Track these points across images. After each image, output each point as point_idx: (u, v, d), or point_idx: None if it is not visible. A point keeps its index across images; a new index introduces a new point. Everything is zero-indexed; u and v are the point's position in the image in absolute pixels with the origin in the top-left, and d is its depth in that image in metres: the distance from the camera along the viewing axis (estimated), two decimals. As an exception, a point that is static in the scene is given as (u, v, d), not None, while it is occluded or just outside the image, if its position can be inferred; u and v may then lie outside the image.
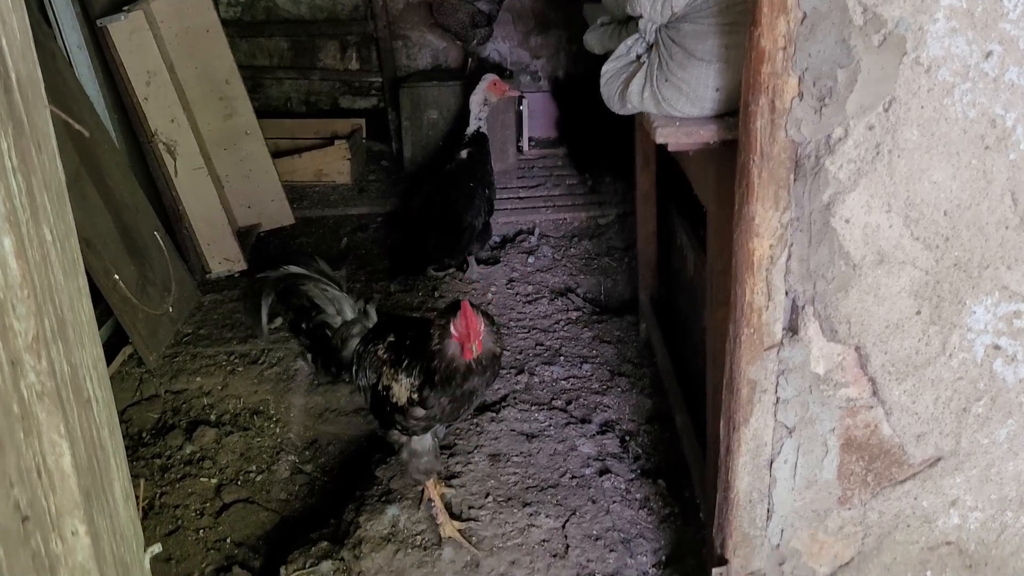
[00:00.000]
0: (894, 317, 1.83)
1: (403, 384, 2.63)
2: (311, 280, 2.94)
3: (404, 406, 2.65)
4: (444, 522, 2.91)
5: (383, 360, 2.75)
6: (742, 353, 1.89)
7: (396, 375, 2.67)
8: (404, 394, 2.63)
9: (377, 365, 2.75)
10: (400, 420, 2.71)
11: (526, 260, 5.22)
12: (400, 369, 2.66)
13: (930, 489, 1.99)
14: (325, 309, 2.93)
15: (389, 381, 2.69)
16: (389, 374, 2.70)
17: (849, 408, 1.92)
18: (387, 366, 2.72)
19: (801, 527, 2.04)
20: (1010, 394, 1.89)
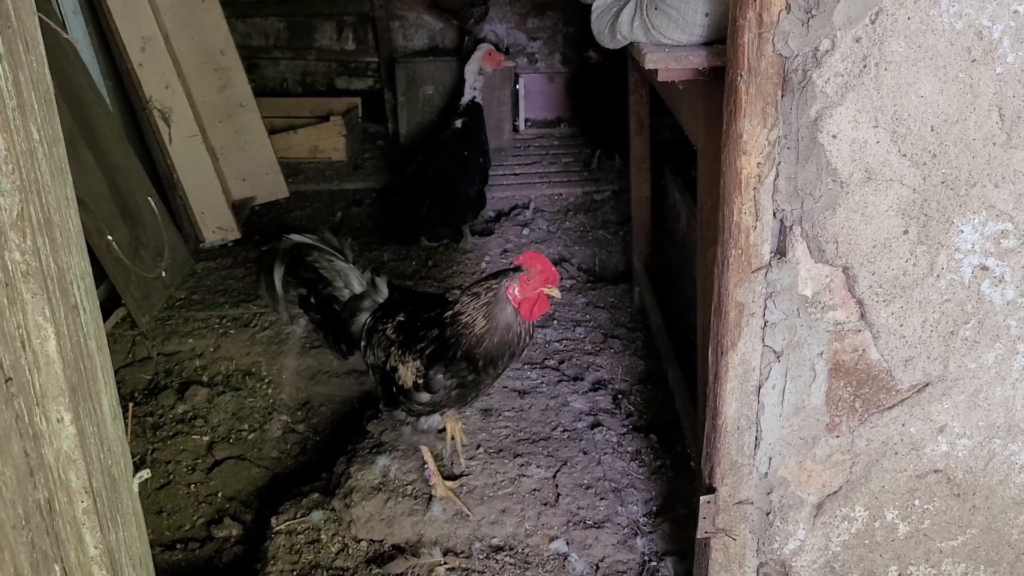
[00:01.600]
0: (881, 236, 1.83)
1: (409, 367, 2.52)
2: (316, 250, 2.80)
3: (409, 389, 2.55)
4: (437, 483, 2.87)
5: (391, 340, 2.63)
6: (730, 275, 1.89)
7: (404, 357, 2.54)
8: (410, 377, 2.52)
9: (385, 345, 2.64)
10: (404, 403, 2.63)
11: (520, 232, 5.22)
12: (409, 351, 2.53)
13: (918, 415, 1.98)
14: (332, 282, 2.80)
15: (396, 362, 2.57)
16: (396, 355, 2.58)
17: (837, 332, 1.92)
18: (395, 347, 2.59)
19: (789, 455, 2.04)
20: (997, 317, 1.89)
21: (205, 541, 3.08)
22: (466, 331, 2.38)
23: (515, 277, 2.32)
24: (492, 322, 2.34)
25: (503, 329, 2.35)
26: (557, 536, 2.79)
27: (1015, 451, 2.00)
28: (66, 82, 3.92)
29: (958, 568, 2.12)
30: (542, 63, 7.46)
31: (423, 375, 2.48)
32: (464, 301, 2.40)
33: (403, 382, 2.55)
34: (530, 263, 2.30)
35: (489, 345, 2.37)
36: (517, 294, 2.32)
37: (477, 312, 2.36)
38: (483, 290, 2.36)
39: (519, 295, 2.32)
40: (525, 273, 2.30)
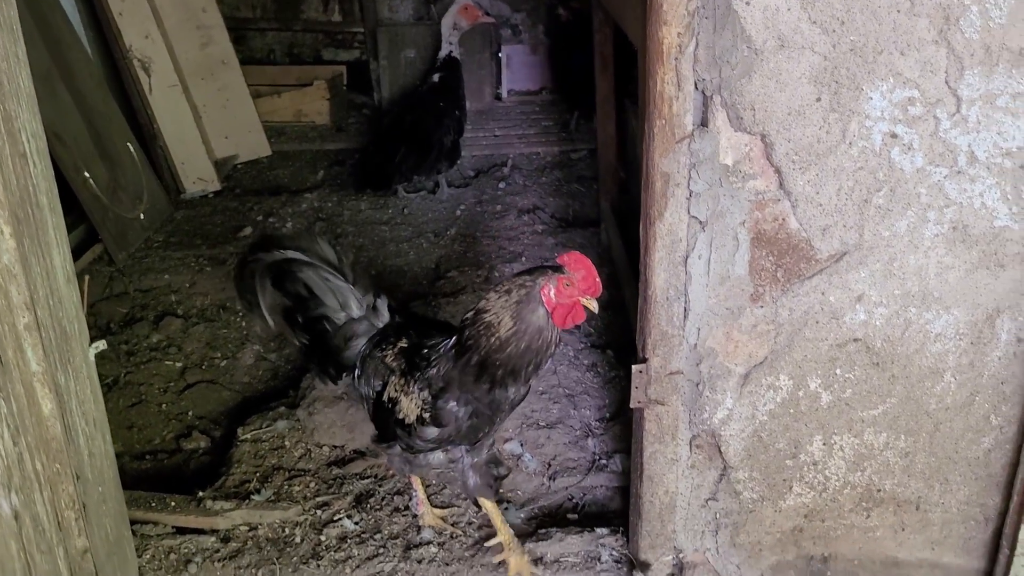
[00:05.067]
0: (795, 104, 1.92)
1: (413, 399, 2.21)
2: (310, 266, 2.46)
3: (411, 424, 2.23)
4: (426, 512, 2.60)
5: (390, 368, 2.32)
6: (655, 145, 1.99)
7: (407, 387, 2.23)
8: (414, 410, 2.21)
9: (384, 373, 2.33)
10: (403, 439, 2.31)
11: (497, 186, 5.32)
12: (414, 380, 2.22)
13: (837, 284, 2.08)
14: (325, 301, 2.47)
15: (397, 393, 2.26)
16: (397, 385, 2.27)
17: (757, 201, 2.02)
18: (396, 375, 2.28)
19: (716, 325, 2.14)
20: (908, 184, 1.98)
21: (174, 453, 3.17)
22: (488, 332, 2.05)
23: (553, 277, 2.04)
24: (520, 324, 2.04)
25: (532, 333, 2.05)
26: (511, 438, 2.89)
27: (930, 320, 2.10)
28: (44, 23, 4.02)
29: (880, 437, 2.22)
30: (525, 34, 7.56)
31: (430, 406, 2.17)
32: (490, 298, 2.08)
33: (404, 415, 2.23)
34: (573, 266, 2.05)
35: (514, 351, 2.05)
36: (552, 297, 2.05)
37: (504, 311, 2.04)
38: (514, 287, 2.06)
39: (555, 299, 2.05)
40: (565, 276, 2.04)
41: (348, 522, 2.59)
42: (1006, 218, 2.00)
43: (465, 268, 4.07)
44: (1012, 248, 2.02)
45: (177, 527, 2.59)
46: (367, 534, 2.55)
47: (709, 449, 2.26)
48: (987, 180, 1.97)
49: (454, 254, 4.31)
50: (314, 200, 5.07)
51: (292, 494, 2.74)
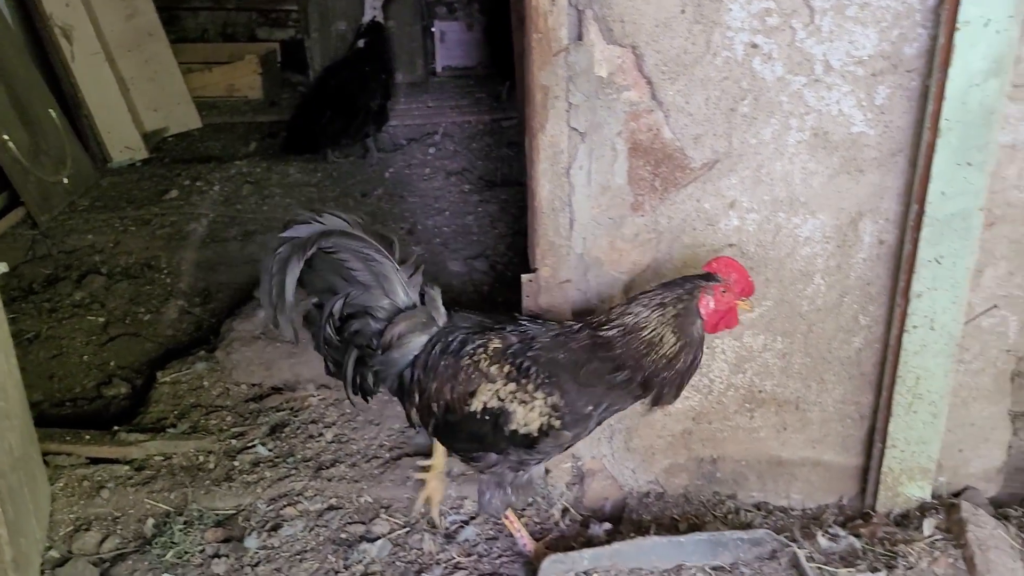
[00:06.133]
0: (662, 15, 2.04)
1: (536, 406, 1.96)
2: (351, 239, 2.05)
3: (530, 434, 1.99)
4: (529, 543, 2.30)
5: (487, 375, 2.00)
6: (534, 59, 2.09)
7: (527, 394, 1.97)
8: (536, 419, 1.97)
9: (477, 380, 2.01)
10: (512, 453, 2.05)
11: (427, 151, 5.41)
12: (537, 384, 1.96)
13: (710, 191, 2.21)
14: (369, 287, 2.09)
15: (511, 404, 1.98)
16: (509, 392, 1.98)
17: (632, 112, 2.14)
18: (499, 382, 1.99)
19: (600, 235, 2.25)
20: (770, 93, 2.11)
21: (94, 400, 3.21)
22: (651, 351, 1.94)
23: (709, 287, 1.96)
24: (684, 338, 1.94)
25: (696, 346, 1.98)
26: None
27: (798, 224, 2.24)
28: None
29: (758, 340, 2.36)
30: (461, 11, 7.64)
31: (560, 412, 1.97)
32: (640, 313, 1.95)
33: (519, 426, 1.99)
34: (724, 271, 1.97)
35: (682, 367, 1.97)
36: (712, 307, 1.96)
37: (665, 327, 1.93)
38: (669, 301, 1.94)
39: (713, 308, 1.97)
40: (721, 283, 1.96)
41: (262, 448, 2.67)
42: (862, 124, 2.14)
43: (389, 222, 4.16)
44: (869, 153, 2.17)
45: (91, 458, 2.63)
46: (280, 459, 2.63)
47: (600, 356, 2.37)
48: (843, 88, 2.11)
49: (380, 212, 4.39)
50: (243, 167, 5.10)
51: (208, 427, 2.80)
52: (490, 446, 2.05)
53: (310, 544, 2.30)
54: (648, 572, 2.12)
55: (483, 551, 2.29)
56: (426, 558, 2.26)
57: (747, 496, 2.53)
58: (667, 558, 2.14)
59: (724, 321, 2.00)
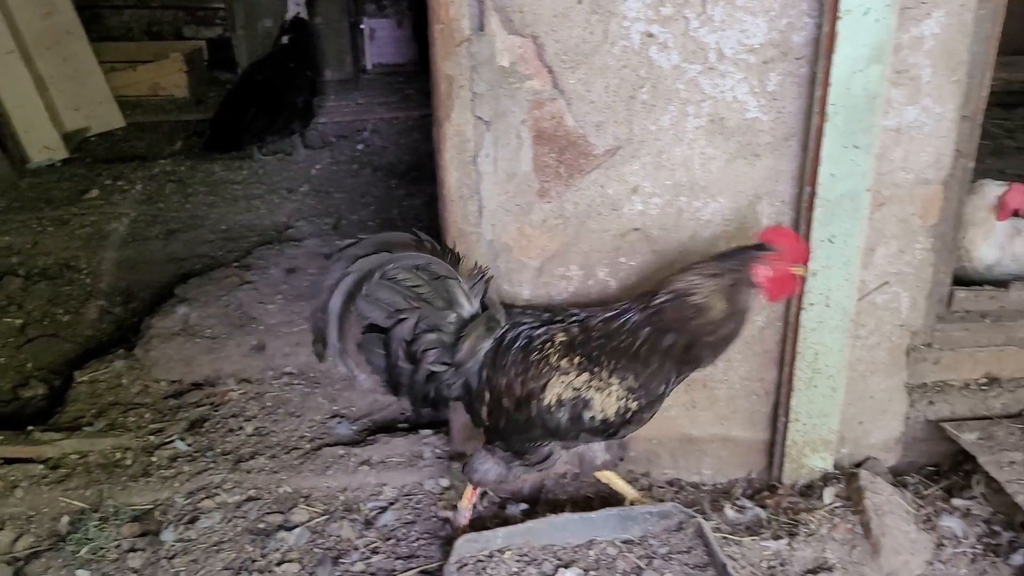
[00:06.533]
0: (560, 6, 2.10)
1: (613, 391, 2.03)
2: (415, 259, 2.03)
3: (608, 419, 2.05)
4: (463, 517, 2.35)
5: (559, 368, 2.05)
6: (438, 49, 2.14)
7: (602, 381, 2.03)
8: (613, 404, 2.04)
9: (548, 374, 2.05)
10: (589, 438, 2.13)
11: (355, 147, 5.41)
12: (610, 370, 2.03)
13: (614, 177, 2.27)
14: (434, 303, 2.09)
15: (588, 392, 2.04)
16: (583, 381, 2.04)
17: (535, 100, 2.19)
18: (579, 373, 2.04)
19: (509, 221, 2.30)
20: (668, 81, 2.19)
21: (11, 402, 3.16)
22: (698, 314, 2.00)
23: (762, 257, 2.01)
24: (734, 306, 2.01)
25: (742, 315, 2.04)
26: (346, 360, 2.99)
27: (699, 207, 2.32)
28: None
29: (665, 320, 2.43)
30: (391, 8, 7.64)
31: (637, 394, 2.04)
32: (693, 281, 2.02)
33: (596, 412, 2.05)
34: (776, 239, 2.03)
35: (726, 331, 2.03)
36: (766, 275, 2.02)
37: (717, 294, 2.00)
38: (725, 271, 2.02)
39: (768, 275, 2.02)
40: (773, 253, 2.01)
41: (181, 444, 2.66)
42: (756, 110, 2.23)
43: (314, 218, 4.16)
44: (764, 138, 2.26)
45: (5, 458, 2.60)
46: (199, 453, 2.62)
47: (513, 341, 2.42)
48: (736, 75, 2.19)
49: (305, 207, 4.39)
50: (167, 165, 5.04)
51: (126, 424, 2.78)
52: (564, 436, 2.10)
53: (227, 535, 2.30)
54: (560, 548, 2.18)
55: (401, 535, 2.33)
56: (344, 544, 2.29)
57: (660, 473, 2.61)
58: (579, 534, 2.20)
59: (783, 288, 2.06)
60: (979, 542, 2.33)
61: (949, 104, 2.26)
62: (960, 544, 2.33)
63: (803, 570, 2.21)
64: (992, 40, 2.30)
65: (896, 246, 2.40)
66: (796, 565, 2.22)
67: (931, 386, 2.67)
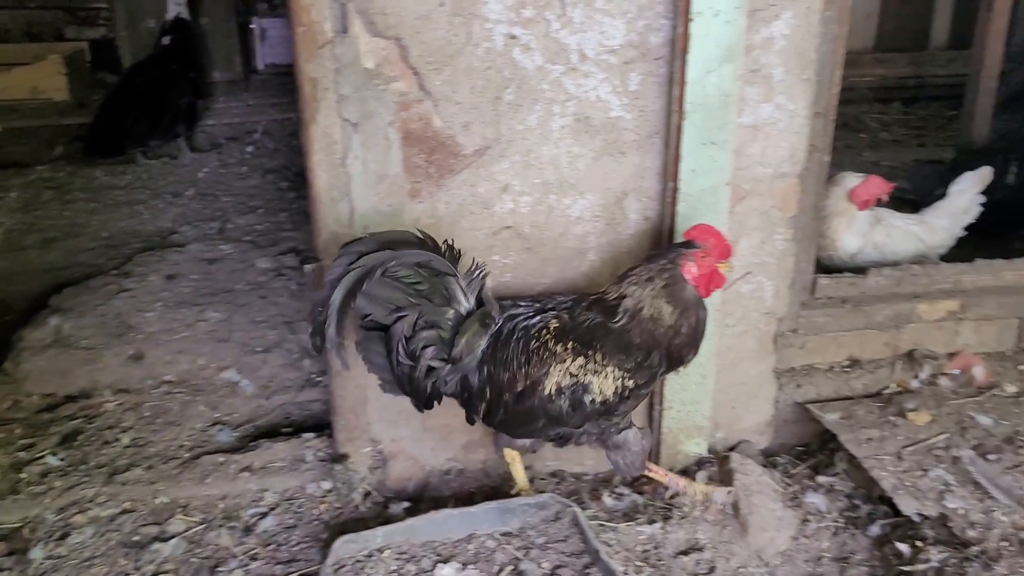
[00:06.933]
0: (422, 8, 2.12)
1: (609, 373, 2.08)
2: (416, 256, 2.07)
3: (608, 400, 2.10)
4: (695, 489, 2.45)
5: (557, 355, 2.09)
6: (300, 52, 2.13)
7: (597, 364, 2.08)
8: (610, 385, 2.09)
9: (549, 362, 2.10)
10: (602, 424, 2.19)
11: (245, 150, 5.32)
12: (605, 354, 2.08)
13: (484, 176, 2.31)
14: (433, 299, 2.12)
15: (586, 376, 2.08)
16: (579, 366, 2.08)
17: (402, 102, 2.21)
18: (575, 358, 2.09)
19: (381, 222, 2.31)
20: (532, 81, 2.24)
21: None
22: (656, 325, 2.07)
23: (689, 254, 2.08)
24: (680, 304, 2.07)
25: (693, 308, 2.10)
26: (229, 366, 2.96)
27: (568, 204, 2.38)
28: None
29: (540, 316, 2.48)
30: (283, 8, 7.51)
31: (636, 369, 2.09)
32: (633, 293, 2.07)
33: (596, 395, 2.10)
34: (701, 237, 2.09)
35: (688, 330, 2.10)
36: (695, 271, 2.08)
37: (659, 300, 2.06)
38: (655, 273, 2.07)
39: (696, 272, 2.09)
40: (699, 249, 2.08)
41: (52, 459, 2.58)
42: (619, 109, 2.30)
43: (199, 223, 4.07)
44: (628, 136, 2.33)
45: None
46: (72, 467, 2.55)
47: (391, 341, 2.44)
48: (599, 75, 2.26)
49: (191, 212, 4.29)
50: (45, 172, 4.86)
51: (-6, 442, 2.68)
52: (567, 423, 2.16)
53: (100, 549, 2.25)
54: (441, 544, 2.20)
55: (282, 540, 2.31)
56: (223, 552, 2.26)
57: (543, 466, 2.66)
58: (459, 529, 2.23)
59: (711, 283, 2.13)
60: (841, 516, 2.46)
61: (801, 101, 2.38)
62: (823, 519, 2.45)
63: (675, 552, 2.29)
64: (839, 40, 2.42)
65: (758, 237, 2.51)
66: (669, 547, 2.30)
67: (798, 370, 2.80)
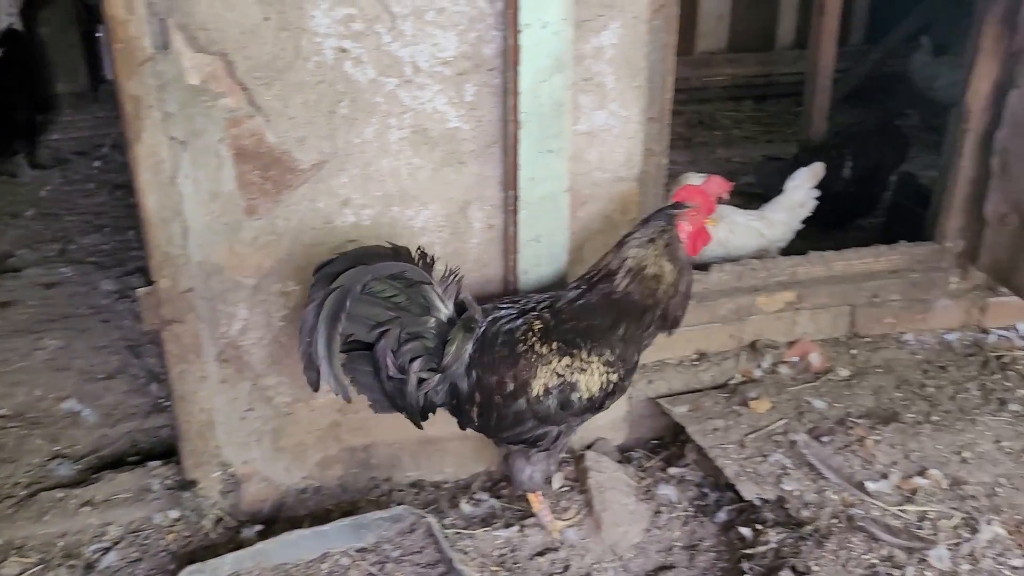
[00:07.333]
0: (247, 23, 2.08)
1: (595, 368, 2.11)
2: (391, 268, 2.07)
3: (594, 397, 2.14)
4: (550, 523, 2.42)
5: (543, 356, 2.11)
6: (119, 69, 2.05)
7: (583, 362, 2.11)
8: (596, 381, 2.12)
9: (536, 364, 2.11)
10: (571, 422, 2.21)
11: (92, 165, 5.07)
12: (588, 349, 2.11)
13: (323, 191, 2.29)
14: (412, 311, 2.11)
15: (573, 375, 2.11)
16: (565, 366, 2.11)
17: (232, 118, 2.16)
18: (558, 357, 2.11)
19: (218, 241, 2.25)
20: (367, 94, 2.23)
21: None
22: (657, 283, 2.11)
23: (682, 214, 2.14)
24: (679, 263, 2.13)
25: (688, 268, 2.16)
26: (69, 395, 2.82)
27: (412, 216, 2.38)
28: None
29: (390, 328, 2.48)
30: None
31: (616, 367, 2.13)
32: (635, 255, 2.11)
33: (584, 393, 2.13)
34: (689, 197, 2.17)
35: (685, 289, 2.15)
36: (689, 229, 2.15)
37: (661, 258, 2.10)
38: (656, 234, 2.11)
39: (689, 230, 2.15)
40: (690, 208, 2.14)
41: None
42: (457, 120, 2.32)
43: (39, 245, 3.87)
44: (467, 146, 2.35)
45: None
46: None
47: (236, 362, 2.38)
48: (434, 87, 2.27)
49: (30, 233, 4.07)
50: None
51: None
52: (555, 422, 2.16)
53: (-78, 603, 2.11)
54: (294, 566, 2.18)
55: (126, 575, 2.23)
56: (62, 594, 2.16)
57: (403, 477, 2.66)
58: (312, 549, 2.21)
59: (700, 240, 2.20)
60: (691, 505, 2.56)
61: (634, 108, 2.46)
62: (675, 509, 2.55)
63: (532, 554, 2.34)
64: (669, 48, 2.51)
65: (602, 241, 2.57)
66: (526, 550, 2.34)
67: (651, 366, 2.90)
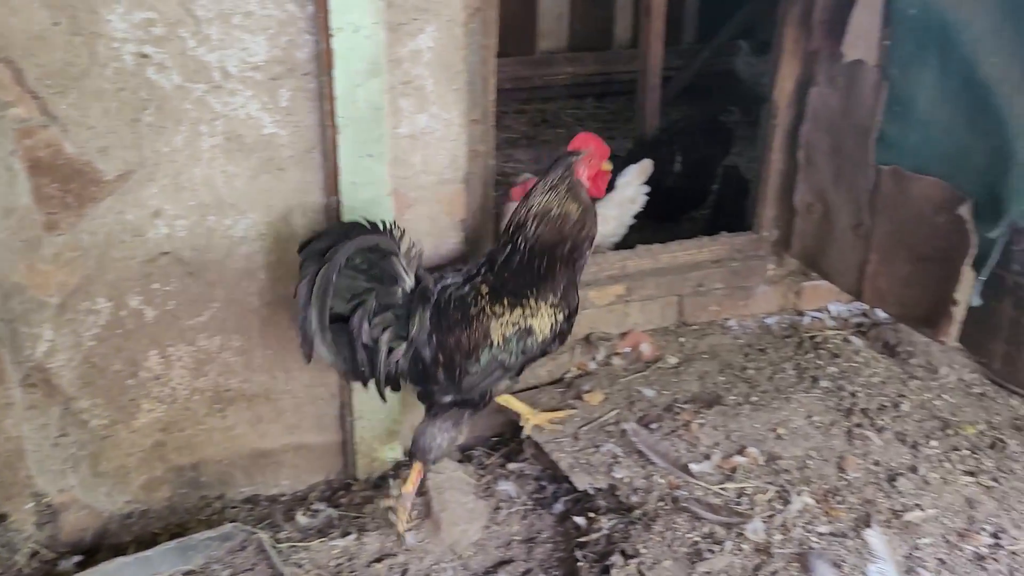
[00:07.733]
0: (34, 28, 1.96)
1: (543, 312, 2.33)
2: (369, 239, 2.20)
3: (547, 338, 2.36)
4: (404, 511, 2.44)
5: (495, 313, 2.29)
6: None
7: (532, 308, 2.31)
8: (547, 322, 2.33)
9: (486, 320, 2.28)
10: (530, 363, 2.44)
11: None
12: (535, 297, 2.32)
13: (131, 203, 2.19)
14: (381, 280, 2.24)
15: (528, 321, 2.31)
16: (520, 314, 2.30)
17: (24, 129, 2.03)
18: (512, 310, 2.30)
19: (16, 259, 2.12)
20: (173, 101, 2.15)
21: None
22: (565, 221, 2.33)
23: (579, 161, 2.36)
24: (582, 203, 2.35)
25: (592, 209, 2.38)
26: None
27: (230, 225, 2.32)
28: None
29: (214, 341, 2.41)
30: None
31: (560, 306, 2.35)
32: (539, 199, 2.32)
33: (539, 335, 2.34)
34: (584, 144, 2.39)
35: (591, 227, 2.38)
36: (586, 172, 2.38)
37: (566, 200, 2.33)
38: (556, 180, 2.33)
39: (587, 173, 2.39)
40: (585, 155, 2.36)
41: None
42: (272, 126, 2.27)
43: None
44: (285, 152, 2.31)
45: None
46: None
47: (44, 386, 2.25)
48: (246, 92, 2.21)
49: None
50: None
51: None
52: (514, 368, 2.37)
53: None
54: (116, 596, 2.08)
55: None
56: None
57: (237, 493, 2.59)
58: (136, 576, 2.12)
59: (600, 182, 2.44)
60: (530, 499, 2.61)
61: (455, 110, 2.48)
62: (514, 504, 2.59)
63: (369, 561, 2.33)
64: (489, 51, 2.54)
65: (431, 243, 2.58)
66: (363, 557, 2.33)
67: (489, 364, 2.93)
